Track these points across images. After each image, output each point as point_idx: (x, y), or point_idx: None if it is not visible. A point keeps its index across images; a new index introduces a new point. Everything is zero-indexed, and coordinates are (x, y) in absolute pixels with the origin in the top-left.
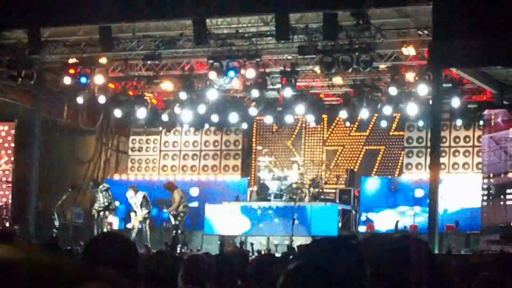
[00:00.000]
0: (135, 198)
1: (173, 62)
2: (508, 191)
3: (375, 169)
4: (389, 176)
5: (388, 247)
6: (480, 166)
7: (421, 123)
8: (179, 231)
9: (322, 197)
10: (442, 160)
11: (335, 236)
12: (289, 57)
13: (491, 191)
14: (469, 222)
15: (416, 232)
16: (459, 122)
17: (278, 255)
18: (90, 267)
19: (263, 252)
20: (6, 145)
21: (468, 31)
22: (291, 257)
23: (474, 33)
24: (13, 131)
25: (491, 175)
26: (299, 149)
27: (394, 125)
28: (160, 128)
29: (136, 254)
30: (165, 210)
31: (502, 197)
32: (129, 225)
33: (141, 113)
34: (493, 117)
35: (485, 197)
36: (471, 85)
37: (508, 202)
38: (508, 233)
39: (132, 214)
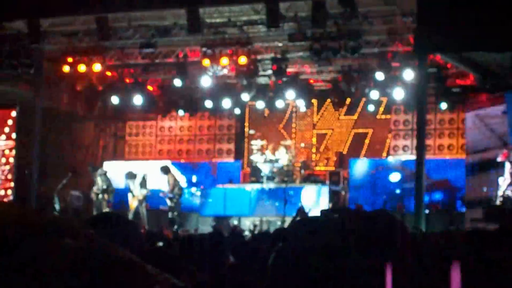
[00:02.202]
0: (134, 180)
1: (168, 50)
2: (492, 166)
3: (363, 151)
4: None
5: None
6: (464, 147)
7: (407, 107)
8: (175, 213)
9: (312, 178)
10: (427, 142)
11: (317, 216)
12: (280, 44)
13: (475, 167)
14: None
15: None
16: (444, 105)
17: None
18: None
19: (255, 232)
20: (7, 130)
21: (452, 17)
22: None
23: (458, 19)
24: (13, 118)
25: (475, 152)
26: (290, 132)
27: (381, 109)
28: (156, 114)
29: (136, 232)
30: (161, 194)
31: (486, 172)
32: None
33: (138, 99)
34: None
35: (469, 173)
36: (455, 70)
37: (492, 178)
38: (491, 210)
39: (129, 194)
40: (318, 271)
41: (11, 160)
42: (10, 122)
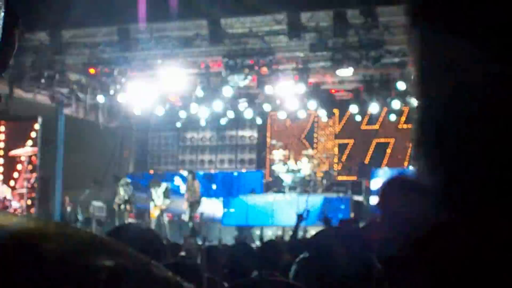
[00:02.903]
0: (158, 189)
1: (190, 61)
2: None
3: (385, 161)
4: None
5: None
6: None
7: None
8: (195, 223)
9: (334, 188)
10: None
11: (337, 226)
12: (301, 55)
13: None
14: None
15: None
16: None
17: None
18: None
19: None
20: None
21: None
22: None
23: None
24: (37, 129)
25: None
26: (312, 142)
27: (403, 118)
28: (178, 125)
29: (159, 243)
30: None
31: None
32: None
33: (160, 110)
34: None
35: None
36: None
37: None
38: None
39: (151, 204)
40: (342, 283)
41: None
42: (37, 127)
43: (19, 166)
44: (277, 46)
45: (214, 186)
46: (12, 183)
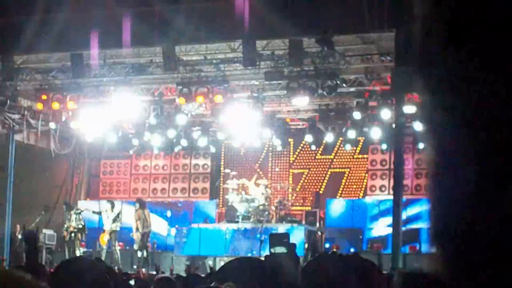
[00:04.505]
0: (110, 212)
1: (143, 88)
2: None
3: (340, 191)
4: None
5: (336, 267)
6: None
7: (384, 146)
8: (145, 252)
9: (288, 218)
10: (405, 182)
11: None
12: (256, 83)
13: None
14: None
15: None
16: (421, 145)
17: None
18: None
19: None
20: None
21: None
22: None
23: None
24: None
25: None
26: (266, 172)
27: (359, 149)
28: (131, 152)
29: (108, 275)
30: (133, 236)
31: None
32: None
33: (112, 137)
34: None
35: None
36: None
37: None
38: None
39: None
40: None
41: None
42: None
43: None
44: (232, 74)
45: (168, 214)
46: None
